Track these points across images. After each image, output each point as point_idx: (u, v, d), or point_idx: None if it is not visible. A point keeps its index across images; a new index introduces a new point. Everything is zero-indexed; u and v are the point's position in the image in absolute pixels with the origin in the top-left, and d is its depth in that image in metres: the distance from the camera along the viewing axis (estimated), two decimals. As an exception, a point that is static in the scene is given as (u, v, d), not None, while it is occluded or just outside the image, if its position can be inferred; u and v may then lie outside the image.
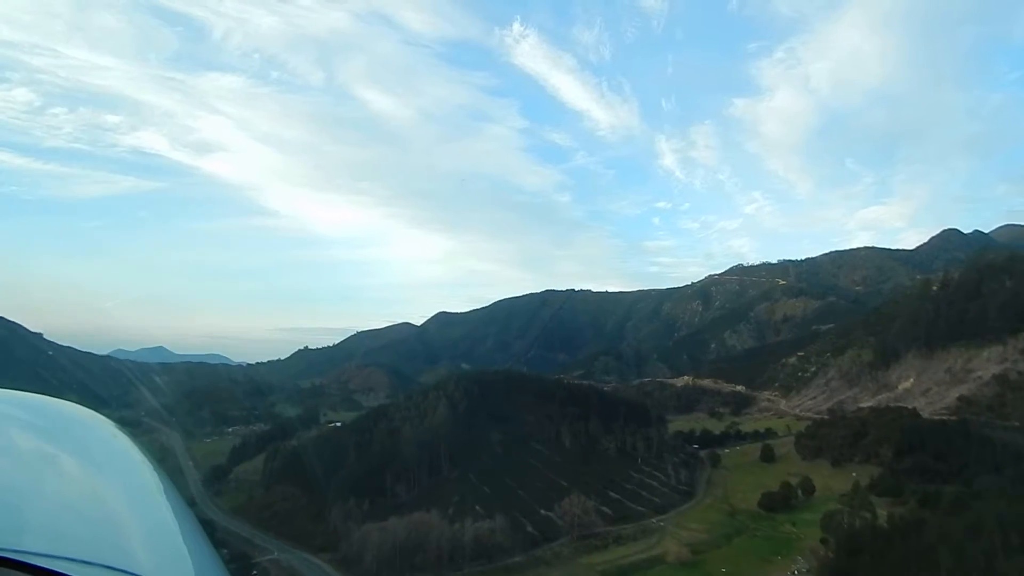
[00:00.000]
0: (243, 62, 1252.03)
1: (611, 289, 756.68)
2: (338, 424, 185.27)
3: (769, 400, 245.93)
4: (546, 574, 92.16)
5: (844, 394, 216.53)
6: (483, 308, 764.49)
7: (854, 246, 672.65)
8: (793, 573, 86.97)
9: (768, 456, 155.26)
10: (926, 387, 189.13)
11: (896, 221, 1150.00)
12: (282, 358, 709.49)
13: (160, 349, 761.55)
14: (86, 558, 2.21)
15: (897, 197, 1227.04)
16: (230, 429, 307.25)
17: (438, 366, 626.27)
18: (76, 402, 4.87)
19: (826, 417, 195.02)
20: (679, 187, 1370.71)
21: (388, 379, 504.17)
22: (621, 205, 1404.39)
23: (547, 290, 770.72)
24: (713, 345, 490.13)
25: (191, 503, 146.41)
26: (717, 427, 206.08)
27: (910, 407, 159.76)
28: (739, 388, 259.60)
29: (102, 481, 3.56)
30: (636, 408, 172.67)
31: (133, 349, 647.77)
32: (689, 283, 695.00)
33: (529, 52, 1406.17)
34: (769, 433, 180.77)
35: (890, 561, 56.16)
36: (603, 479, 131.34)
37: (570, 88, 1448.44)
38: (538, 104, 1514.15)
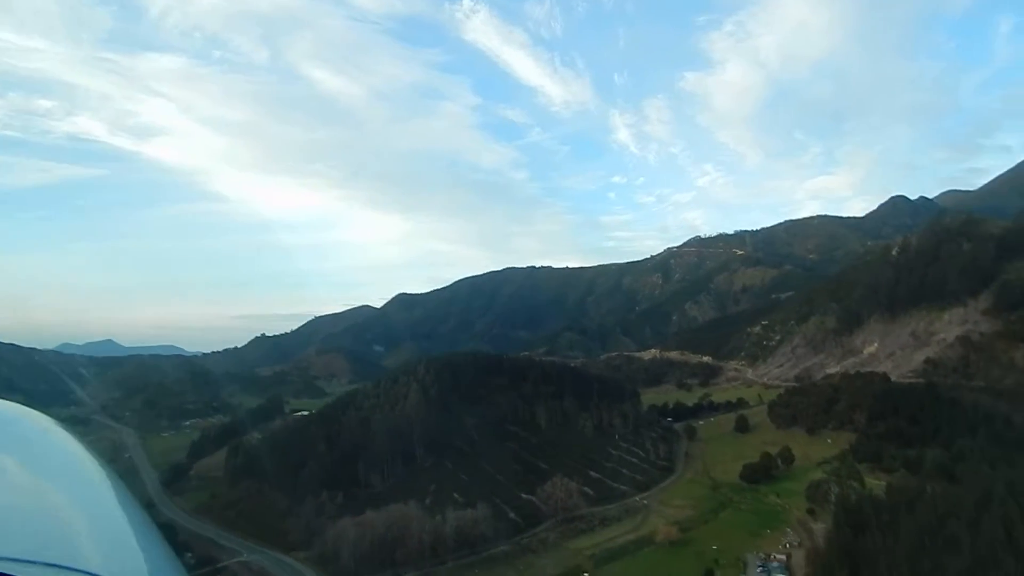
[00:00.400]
0: (183, 41, 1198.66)
1: (571, 265, 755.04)
2: (304, 413, 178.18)
3: (736, 370, 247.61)
4: (534, 563, 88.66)
5: (810, 361, 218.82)
6: (444, 288, 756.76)
7: (806, 215, 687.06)
8: (785, 546, 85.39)
9: (743, 426, 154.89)
10: (890, 351, 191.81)
11: (843, 190, 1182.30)
12: (239, 346, 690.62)
13: (109, 342, 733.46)
14: (29, 557, 2.20)
15: (843, 166, 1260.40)
16: (187, 423, 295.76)
17: (400, 348, 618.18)
18: (19, 402, 4.79)
19: (795, 385, 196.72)
20: (634, 161, 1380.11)
21: (350, 364, 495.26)
22: (577, 181, 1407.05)
23: (508, 268, 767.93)
24: (675, 317, 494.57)
25: (149, 505, 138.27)
26: (688, 399, 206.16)
27: (880, 372, 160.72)
28: (706, 359, 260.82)
29: (44, 480, 3.60)
30: (609, 384, 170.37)
31: (80, 343, 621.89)
32: (649, 256, 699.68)
33: (480, 27, 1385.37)
34: (741, 403, 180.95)
35: (903, 538, 53.96)
36: (582, 459, 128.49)
37: (523, 64, 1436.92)
38: (491, 81, 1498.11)
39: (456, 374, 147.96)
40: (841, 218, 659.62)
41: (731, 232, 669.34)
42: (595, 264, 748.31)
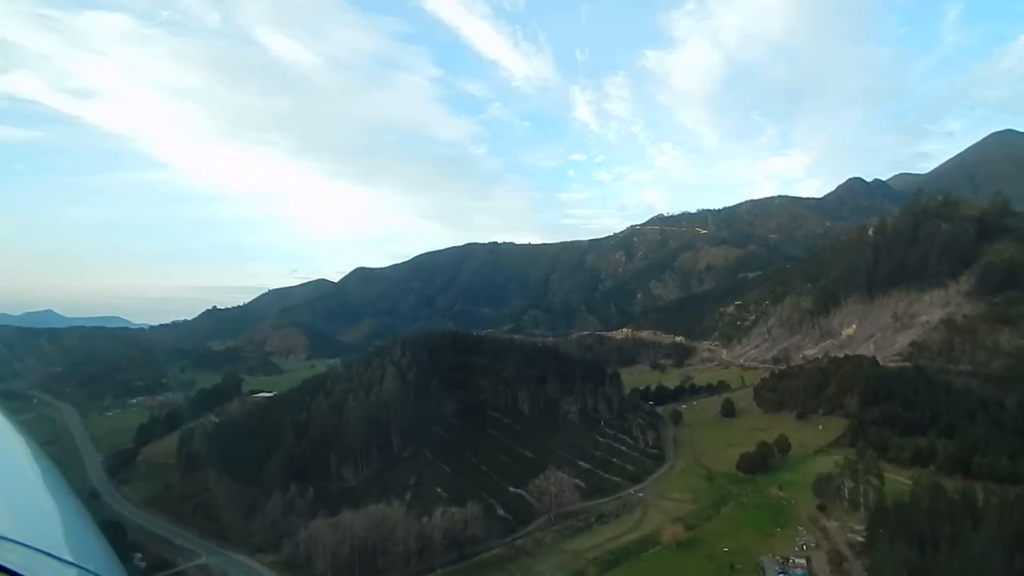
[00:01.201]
0: (129, 0, 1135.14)
1: (531, 241, 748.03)
2: (266, 395, 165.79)
3: (710, 350, 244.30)
4: (531, 568, 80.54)
5: (786, 342, 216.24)
6: (404, 263, 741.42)
7: (765, 195, 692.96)
8: (801, 548, 79.25)
9: (729, 411, 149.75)
10: (870, 332, 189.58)
11: (796, 171, 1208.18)
12: (188, 319, 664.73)
13: (49, 313, 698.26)
14: None
15: (797, 148, 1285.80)
16: (134, 401, 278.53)
17: (359, 324, 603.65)
18: None
19: (774, 367, 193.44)
20: (594, 139, 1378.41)
21: (307, 339, 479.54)
22: (537, 157, 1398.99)
23: (470, 243, 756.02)
24: (640, 295, 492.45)
25: (92, 496, 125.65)
26: (664, 380, 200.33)
27: (868, 356, 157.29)
28: (678, 339, 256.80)
29: None
30: (591, 366, 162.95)
31: (17, 314, 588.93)
32: (611, 234, 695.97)
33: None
34: (723, 386, 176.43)
35: (980, 557, 47.28)
36: (570, 447, 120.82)
37: (484, 36, 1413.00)
38: (452, 53, 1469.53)
39: (433, 355, 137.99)
40: (801, 199, 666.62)
41: (694, 211, 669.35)
42: (555, 241, 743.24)
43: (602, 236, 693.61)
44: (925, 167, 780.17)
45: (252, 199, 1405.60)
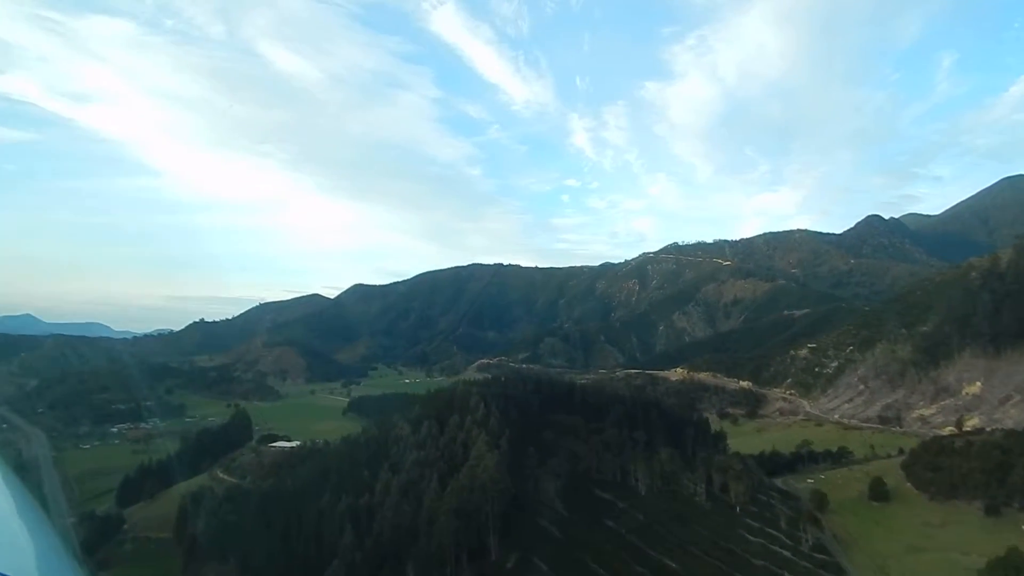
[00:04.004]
0: (133, 6, 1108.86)
1: (521, 264, 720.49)
2: (287, 446, 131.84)
3: (785, 400, 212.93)
4: None
5: (889, 396, 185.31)
6: (404, 281, 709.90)
7: (787, 228, 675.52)
8: None
9: (880, 493, 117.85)
10: (1005, 393, 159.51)
11: (786, 207, 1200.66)
12: (175, 330, 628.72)
13: (27, 317, 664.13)
14: None
15: (788, 185, 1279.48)
16: (115, 429, 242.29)
17: (356, 343, 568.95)
18: None
19: (884, 427, 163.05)
20: (588, 166, 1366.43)
21: (304, 360, 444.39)
22: (531, 181, 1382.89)
23: (473, 263, 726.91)
24: (662, 327, 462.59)
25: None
26: (735, 432, 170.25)
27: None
28: (744, 384, 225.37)
29: None
30: (700, 426, 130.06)
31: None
32: (623, 260, 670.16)
33: (447, 19, 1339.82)
34: (844, 453, 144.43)
35: None
36: (715, 550, 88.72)
37: (487, 59, 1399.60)
38: (453, 74, 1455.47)
39: (520, 410, 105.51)
40: (822, 233, 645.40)
41: (710, 241, 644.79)
42: (545, 265, 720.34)
43: (617, 261, 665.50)
44: (910, 210, 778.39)
45: (242, 210, 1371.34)
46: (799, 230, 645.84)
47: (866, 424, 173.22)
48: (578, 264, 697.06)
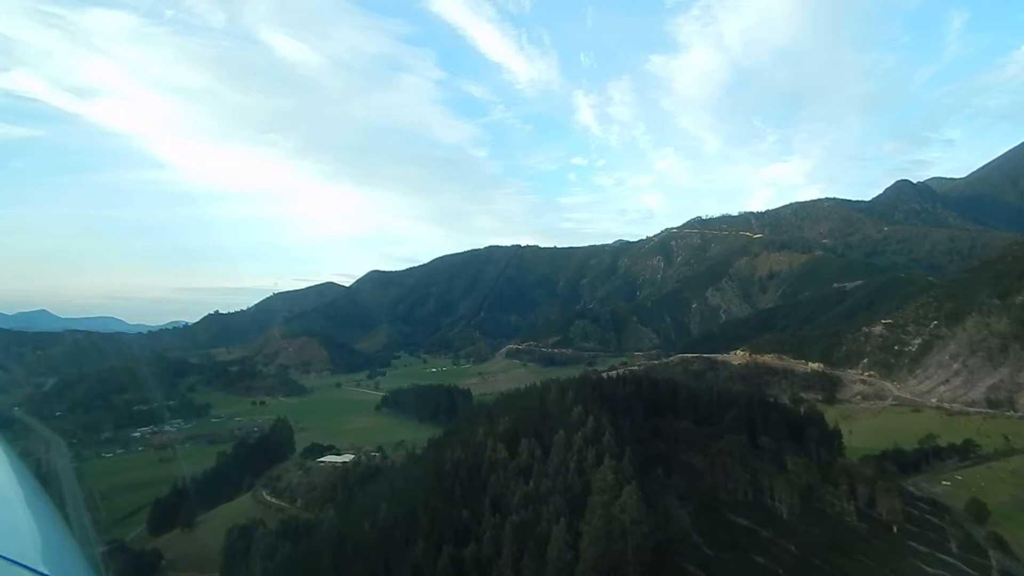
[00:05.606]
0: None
1: (527, 244, 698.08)
2: (337, 461, 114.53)
3: (864, 382, 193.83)
4: None
5: (993, 376, 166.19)
6: (421, 266, 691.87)
7: (812, 197, 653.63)
8: None
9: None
10: None
11: (796, 178, 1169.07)
12: (189, 322, 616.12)
13: (42, 313, 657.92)
14: None
15: (797, 155, 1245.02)
16: (137, 434, 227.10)
17: (376, 331, 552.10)
18: None
19: (992, 411, 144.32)
20: (595, 143, 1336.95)
21: (325, 351, 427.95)
22: (537, 161, 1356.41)
23: (490, 246, 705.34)
24: (695, 305, 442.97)
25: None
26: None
27: None
28: (815, 366, 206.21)
29: None
30: (819, 423, 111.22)
31: (10, 314, 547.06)
32: (645, 237, 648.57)
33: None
34: (970, 447, 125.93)
35: None
36: (894, 587, 70.77)
37: (489, 39, 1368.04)
38: (456, 55, 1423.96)
39: (624, 416, 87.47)
40: (851, 201, 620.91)
41: (735, 214, 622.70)
42: (549, 245, 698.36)
43: (636, 239, 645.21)
44: (923, 175, 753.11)
45: (251, 199, 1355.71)
46: (827, 198, 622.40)
47: (972, 409, 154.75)
48: (587, 244, 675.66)
